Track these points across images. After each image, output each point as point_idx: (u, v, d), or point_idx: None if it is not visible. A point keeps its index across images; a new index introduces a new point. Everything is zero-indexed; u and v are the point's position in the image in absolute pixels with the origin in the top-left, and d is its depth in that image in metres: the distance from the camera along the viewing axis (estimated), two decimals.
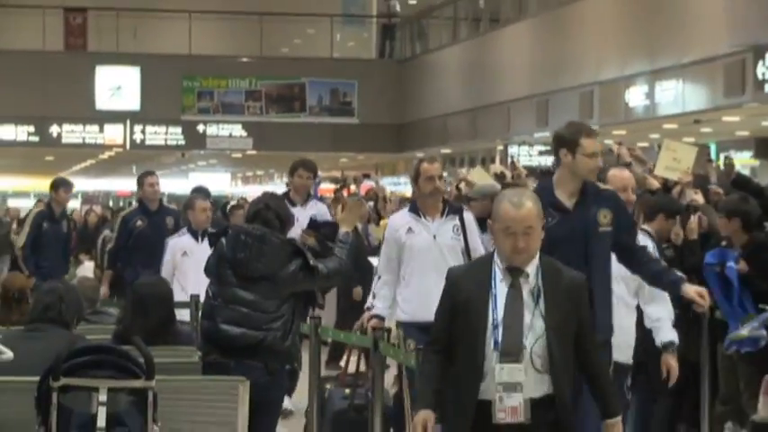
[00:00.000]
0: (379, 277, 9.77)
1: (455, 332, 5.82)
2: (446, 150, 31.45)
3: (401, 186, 29.72)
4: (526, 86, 27.86)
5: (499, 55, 29.96)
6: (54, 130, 32.76)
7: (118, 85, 32.69)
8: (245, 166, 42.99)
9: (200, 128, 33.23)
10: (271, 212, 8.16)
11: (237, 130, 33.25)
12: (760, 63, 20.09)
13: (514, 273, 5.79)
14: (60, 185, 14.88)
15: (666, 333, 8.54)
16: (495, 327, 5.75)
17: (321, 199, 15.37)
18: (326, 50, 35.29)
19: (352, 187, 22.70)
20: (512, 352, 5.69)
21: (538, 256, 5.87)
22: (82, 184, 45.96)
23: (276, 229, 8.09)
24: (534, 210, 5.84)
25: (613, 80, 24.60)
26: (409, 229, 9.43)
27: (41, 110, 31.93)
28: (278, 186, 23.86)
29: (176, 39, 33.73)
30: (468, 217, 9.46)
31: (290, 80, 33.29)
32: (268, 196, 8.83)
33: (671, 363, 8.44)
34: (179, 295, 10.29)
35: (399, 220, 9.75)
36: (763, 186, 11.90)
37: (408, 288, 9.47)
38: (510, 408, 5.65)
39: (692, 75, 22.41)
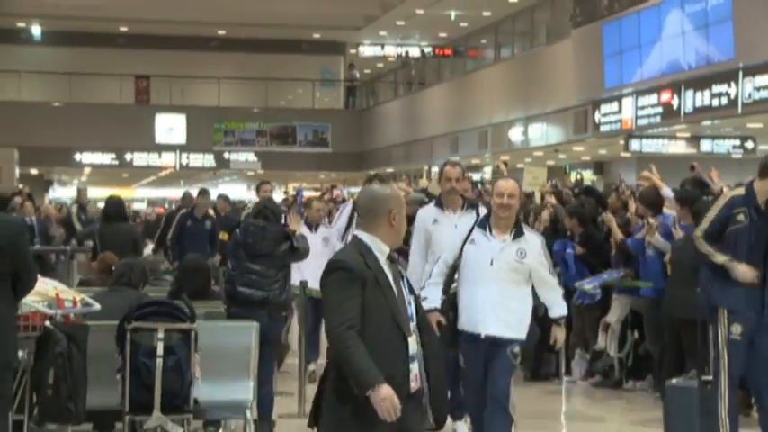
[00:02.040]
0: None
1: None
2: (390, 169, 31.40)
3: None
4: (443, 127, 27.87)
5: (424, 106, 29.96)
6: (128, 156, 32.53)
7: (170, 127, 32.49)
8: (255, 180, 42.68)
9: (226, 155, 33.04)
10: (268, 210, 8.21)
11: (251, 157, 33.12)
12: (596, 112, 20.22)
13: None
14: (201, 194, 13.91)
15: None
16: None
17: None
18: (309, 103, 35.16)
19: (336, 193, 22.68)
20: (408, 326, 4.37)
21: None
22: (147, 193, 45.74)
23: (272, 221, 8.11)
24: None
25: (500, 123, 24.63)
26: (435, 221, 7.64)
27: (119, 143, 31.70)
28: (277, 195, 23.90)
29: (210, 96, 33.56)
30: (482, 210, 7.44)
31: (285, 123, 33.19)
32: (266, 200, 8.90)
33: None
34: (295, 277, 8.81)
35: (426, 213, 7.81)
36: (601, 192, 12.12)
37: (430, 265, 7.29)
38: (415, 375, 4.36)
39: (552, 119, 22.50)
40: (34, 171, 31.96)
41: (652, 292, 9.31)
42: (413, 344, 4.39)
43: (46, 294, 6.77)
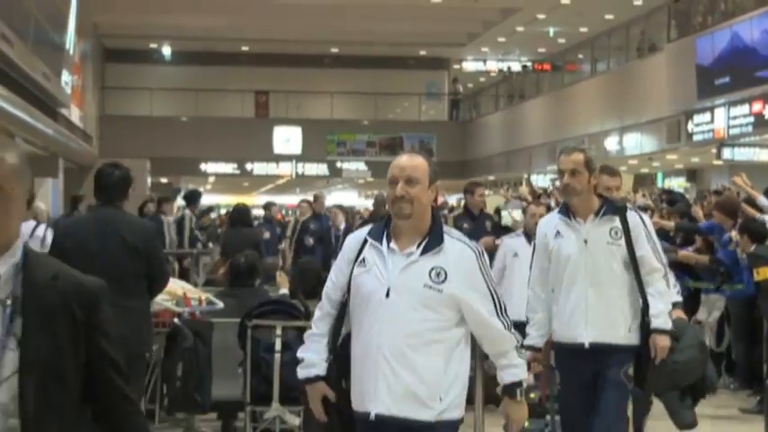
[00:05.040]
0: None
1: None
2: (491, 177, 31.23)
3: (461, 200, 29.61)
4: (541, 137, 27.63)
5: (524, 118, 29.75)
6: (248, 166, 32.91)
7: (287, 138, 32.76)
8: (365, 188, 42.89)
9: (338, 164, 33.23)
10: (379, 218, 8.19)
11: (361, 166, 33.24)
12: (689, 122, 19.87)
13: None
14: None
15: None
16: None
17: None
18: (416, 116, 35.17)
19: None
20: None
21: None
22: (265, 199, 46.15)
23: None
24: None
25: (597, 133, 24.34)
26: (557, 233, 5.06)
27: (241, 154, 32.11)
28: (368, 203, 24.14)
29: (323, 109, 33.80)
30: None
31: (393, 134, 33.22)
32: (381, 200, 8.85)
33: None
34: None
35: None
36: (685, 201, 12.03)
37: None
38: None
39: (646, 129, 22.17)
40: (164, 180, 32.59)
41: (741, 294, 9.07)
42: None
43: (175, 293, 6.89)
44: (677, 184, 25.05)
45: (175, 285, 7.04)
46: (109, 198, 5.76)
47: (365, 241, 3.61)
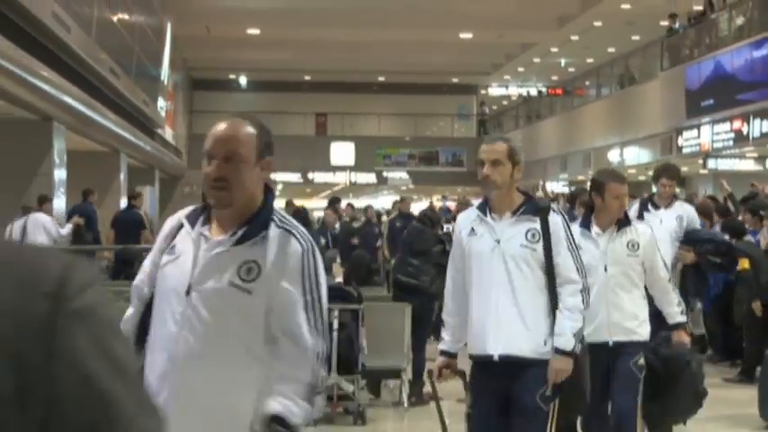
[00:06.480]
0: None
1: None
2: None
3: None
4: (554, 150, 27.47)
5: (540, 134, 29.54)
6: (310, 175, 32.99)
7: (342, 152, 32.87)
8: (408, 193, 42.88)
9: (384, 174, 33.22)
10: (427, 218, 8.17)
11: (404, 175, 33.20)
12: (680, 137, 19.66)
13: None
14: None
15: None
16: None
17: (448, 212, 14.59)
18: (449, 133, 35.10)
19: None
20: None
21: None
22: (324, 204, 46.23)
23: (428, 226, 7.89)
24: None
25: (601, 147, 24.11)
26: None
27: (303, 165, 32.20)
28: (424, 204, 23.99)
29: (372, 128, 33.82)
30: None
31: (430, 149, 33.21)
32: (428, 208, 8.84)
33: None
34: None
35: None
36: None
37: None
38: None
39: (643, 143, 21.94)
40: None
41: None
42: None
43: None
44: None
45: None
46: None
47: None
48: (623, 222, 4.55)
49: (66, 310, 0.75)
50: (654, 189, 6.79)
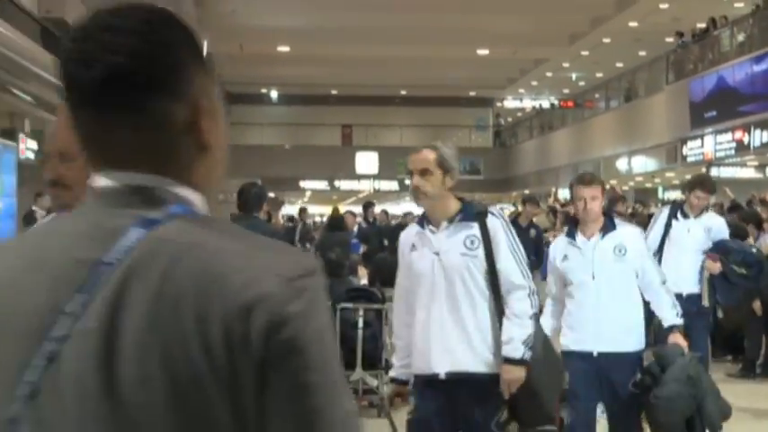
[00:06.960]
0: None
1: None
2: (526, 191, 31.07)
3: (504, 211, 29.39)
4: (566, 159, 27.36)
5: (552, 144, 29.47)
6: (337, 183, 33.02)
7: (367, 161, 32.92)
8: None
9: (407, 182, 32.61)
10: None
11: None
12: (684, 147, 19.56)
13: None
14: (528, 202, 10.01)
15: None
16: None
17: None
18: (467, 143, 34.98)
19: None
20: None
21: None
22: (349, 209, 46.23)
23: None
24: None
25: (610, 156, 24.04)
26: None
27: (330, 173, 32.25)
28: None
29: (394, 138, 33.83)
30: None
31: None
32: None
33: None
34: None
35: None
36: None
37: None
38: None
39: (650, 152, 21.84)
40: (271, 195, 32.85)
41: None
42: None
43: None
44: (675, 196, 24.63)
45: None
46: (249, 209, 5.67)
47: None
48: (608, 227, 4.11)
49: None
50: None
